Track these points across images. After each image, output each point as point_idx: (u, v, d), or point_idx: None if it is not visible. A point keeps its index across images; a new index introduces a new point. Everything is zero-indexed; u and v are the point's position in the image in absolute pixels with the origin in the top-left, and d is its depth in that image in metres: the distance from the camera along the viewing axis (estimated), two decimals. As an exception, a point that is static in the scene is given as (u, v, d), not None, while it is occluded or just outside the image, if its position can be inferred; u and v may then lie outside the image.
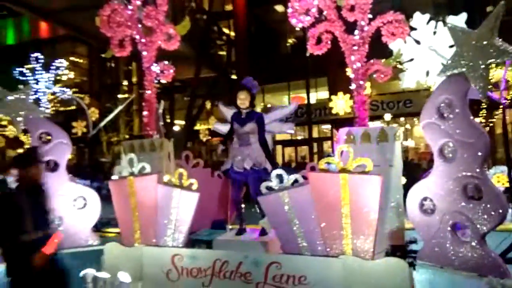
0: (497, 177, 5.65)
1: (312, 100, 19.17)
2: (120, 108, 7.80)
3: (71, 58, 23.59)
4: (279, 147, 20.60)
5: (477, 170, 3.09)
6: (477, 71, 2.98)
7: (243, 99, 4.59)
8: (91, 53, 24.07)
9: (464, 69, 3.09)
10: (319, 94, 20.68)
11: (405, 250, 4.13)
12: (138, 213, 4.42)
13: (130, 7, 5.46)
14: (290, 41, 22.07)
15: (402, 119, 18.61)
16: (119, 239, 4.53)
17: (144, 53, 5.38)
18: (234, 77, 21.77)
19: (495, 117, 12.02)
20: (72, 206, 4.84)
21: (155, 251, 4.29)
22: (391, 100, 18.51)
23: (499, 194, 3.07)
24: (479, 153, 3.06)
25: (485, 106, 11.52)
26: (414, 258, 3.72)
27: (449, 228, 3.31)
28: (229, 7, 23.43)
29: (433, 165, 3.53)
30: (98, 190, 5.05)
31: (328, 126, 20.61)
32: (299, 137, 21.16)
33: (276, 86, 21.42)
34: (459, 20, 3.82)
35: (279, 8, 20.20)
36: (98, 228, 5.86)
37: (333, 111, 16.31)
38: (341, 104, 15.89)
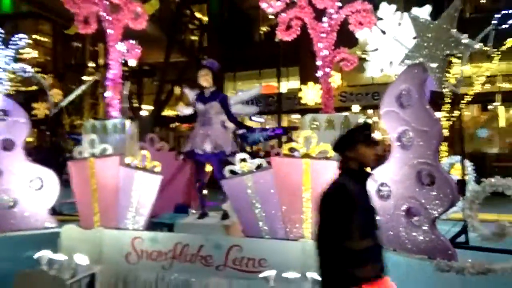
0: (454, 168, 5.87)
1: (283, 89, 19.24)
2: (83, 87, 7.53)
3: (34, 36, 22.59)
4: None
5: (431, 157, 3.22)
6: (435, 62, 3.08)
7: (204, 75, 4.61)
8: (56, 32, 23.09)
9: (423, 59, 3.18)
10: (290, 84, 20.76)
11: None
12: (98, 195, 4.34)
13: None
14: (263, 29, 21.98)
15: (370, 111, 19.03)
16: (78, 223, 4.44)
17: (110, 31, 5.22)
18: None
19: (458, 111, 12.49)
20: (28, 187, 4.67)
21: (114, 233, 4.22)
22: (360, 92, 18.84)
23: (450, 180, 3.21)
24: (433, 141, 3.19)
25: (449, 101, 11.93)
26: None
27: (403, 213, 3.44)
28: (202, -9, 23.04)
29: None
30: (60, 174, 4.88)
31: (298, 116, 20.78)
32: (268, 126, 21.24)
33: (247, 73, 21.34)
34: (423, 12, 3.91)
35: (253, -6, 20.06)
36: (57, 211, 5.69)
37: (303, 101, 16.46)
38: (311, 94, 16.05)
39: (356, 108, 17.53)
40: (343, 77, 17.34)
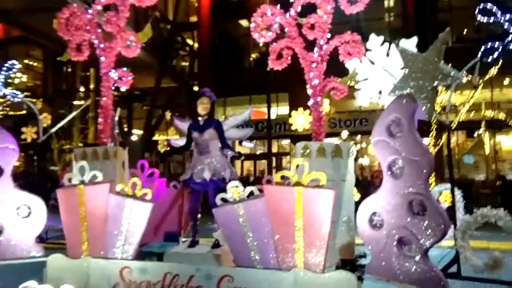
0: (444, 195, 5.92)
1: (273, 115, 19.39)
2: (74, 114, 7.50)
3: (25, 61, 22.60)
4: (238, 161, 20.59)
5: (422, 186, 3.25)
6: (423, 92, 3.16)
7: (205, 104, 4.63)
8: (46, 57, 23.15)
9: (412, 90, 3.26)
10: (280, 110, 20.97)
11: (355, 264, 4.23)
12: (87, 223, 4.25)
13: (90, 11, 5.34)
14: (253, 55, 22.35)
15: (358, 137, 19.23)
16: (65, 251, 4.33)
17: (102, 58, 5.26)
18: (195, 88, 21.68)
19: (443, 138, 12.71)
20: (15, 215, 4.57)
21: (102, 263, 4.12)
22: (349, 118, 19.13)
23: (441, 210, 3.24)
24: (424, 171, 3.23)
25: (435, 127, 12.16)
26: (362, 272, 3.81)
27: (395, 243, 3.43)
28: (193, 19, 23.45)
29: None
30: (46, 200, 4.81)
31: (288, 141, 20.89)
32: (258, 152, 21.27)
33: (237, 99, 21.53)
34: (411, 43, 4.04)
35: (244, 22, 20.46)
36: (44, 239, 5.57)
37: (293, 127, 16.60)
38: (300, 120, 16.19)
39: (344, 134, 17.72)
40: (332, 103, 17.62)
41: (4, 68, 5.10)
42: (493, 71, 7.73)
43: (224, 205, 4.01)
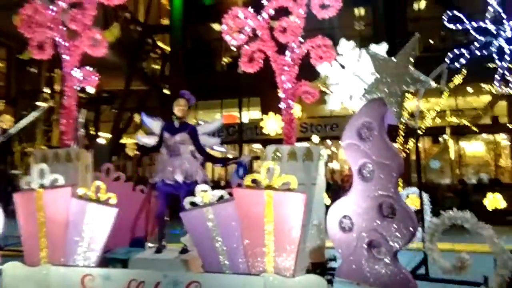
0: (410, 198, 6.02)
1: (245, 120, 19.36)
2: (34, 114, 7.13)
3: (-14, 60, 21.64)
4: (208, 165, 20.39)
5: (392, 189, 3.27)
6: (394, 97, 3.19)
7: (182, 106, 4.58)
8: (10, 56, 22.22)
9: (383, 94, 3.28)
10: (251, 114, 20.97)
11: (325, 267, 4.21)
12: (46, 229, 4.04)
13: (53, 8, 5.11)
14: (225, 59, 22.29)
15: (328, 141, 19.47)
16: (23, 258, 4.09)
17: (66, 57, 5.04)
18: (166, 91, 21.36)
19: (410, 144, 13.04)
20: (-32, 220, 4.28)
21: (63, 271, 3.92)
22: (319, 123, 19.36)
23: (411, 213, 3.26)
24: (394, 174, 3.25)
25: (403, 133, 12.44)
26: (332, 276, 3.80)
27: (365, 246, 3.43)
28: (165, 21, 23.16)
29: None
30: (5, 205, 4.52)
31: (259, 146, 20.90)
32: (229, 156, 21.14)
33: (209, 103, 21.34)
34: (381, 49, 4.09)
35: (216, 26, 20.38)
36: (1, 246, 5.27)
37: (264, 131, 16.61)
38: (272, 124, 16.23)
39: (315, 138, 17.91)
40: (303, 108, 17.75)
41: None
42: (458, 78, 7.99)
43: (193, 209, 3.90)
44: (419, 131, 9.32)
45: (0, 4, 14.32)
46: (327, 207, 4.40)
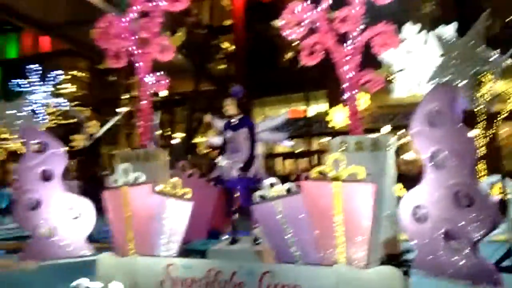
0: (497, 187, 5.60)
1: (312, 113, 19.22)
2: (115, 119, 7.84)
3: (72, 72, 23.80)
4: (279, 160, 20.58)
5: (467, 176, 3.10)
6: (464, 79, 3.02)
7: (228, 105, 4.74)
8: (92, 67, 24.27)
9: (451, 77, 3.13)
10: (318, 107, 20.75)
11: (400, 259, 4.10)
12: (132, 222, 4.41)
13: (125, 19, 5.55)
14: (289, 54, 22.26)
15: (401, 131, 18.62)
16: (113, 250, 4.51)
17: (139, 64, 5.45)
18: (234, 90, 21.83)
19: (494, 128, 12.03)
20: (66, 216, 4.83)
21: (149, 261, 4.26)
22: (390, 112, 18.56)
23: (490, 201, 3.07)
24: (468, 160, 3.08)
25: (484, 118, 11.52)
26: (408, 267, 3.70)
27: (441, 236, 3.30)
28: (228, 22, 23.71)
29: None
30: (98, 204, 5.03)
31: (328, 139, 20.62)
32: (299, 150, 21.14)
33: (275, 99, 21.53)
34: (449, 30, 3.86)
35: (277, 23, 20.41)
36: (94, 239, 5.83)
37: (332, 124, 16.35)
38: (339, 117, 15.94)
39: (386, 128, 17.22)
40: (372, 98, 17.15)
41: (50, 79, 5.44)
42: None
43: (263, 202, 4.03)
44: (501, 115, 8.61)
45: (81, 19, 15.72)
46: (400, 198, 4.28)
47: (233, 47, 23.26)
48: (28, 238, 5.02)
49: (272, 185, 4.00)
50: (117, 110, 20.88)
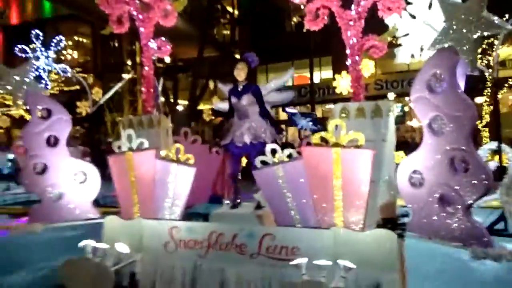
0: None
1: (316, 80, 19.05)
2: (117, 86, 7.83)
3: (75, 38, 23.57)
4: (282, 127, 20.61)
5: (464, 142, 3.14)
6: (465, 44, 3.00)
7: (239, 69, 4.64)
8: (94, 33, 23.97)
9: (453, 42, 3.10)
10: (323, 74, 20.55)
11: (396, 223, 4.22)
12: (137, 187, 4.52)
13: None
14: (294, 19, 21.81)
15: (406, 98, 18.50)
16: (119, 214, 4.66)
17: (142, 29, 5.41)
18: (237, 56, 21.61)
19: (499, 95, 11.92)
20: (72, 181, 4.96)
21: (153, 223, 4.39)
22: (396, 79, 18.37)
23: (484, 166, 3.13)
24: (466, 126, 3.11)
25: (490, 85, 11.38)
26: (403, 230, 3.81)
27: (436, 200, 3.38)
28: (233, -15, 23.14)
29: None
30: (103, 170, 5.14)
31: (332, 106, 20.55)
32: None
33: (279, 65, 21.25)
34: (454, -6, 3.78)
35: (283, -15, 19.90)
36: (100, 203, 6.00)
37: (337, 91, 16.24)
38: (344, 84, 15.80)
39: (391, 96, 17.11)
40: (377, 64, 16.92)
41: (52, 44, 5.42)
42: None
43: (264, 167, 4.11)
44: (508, 81, 8.49)
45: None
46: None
47: (237, 11, 22.80)
48: (34, 203, 5.17)
49: (274, 150, 4.06)
50: (122, 76, 20.81)
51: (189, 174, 4.37)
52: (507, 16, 9.69)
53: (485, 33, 3.00)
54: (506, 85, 11.43)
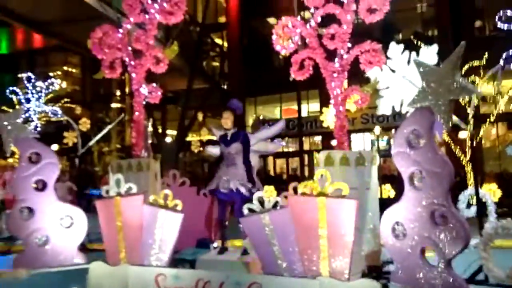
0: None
1: (304, 113, 19.38)
2: (109, 127, 7.89)
3: (64, 68, 23.72)
4: (270, 159, 20.75)
5: (443, 198, 3.27)
6: (441, 105, 3.18)
7: (225, 118, 4.77)
8: (84, 63, 24.21)
9: (430, 103, 3.28)
10: (310, 106, 20.91)
11: (381, 270, 4.29)
12: (124, 232, 4.53)
13: (120, 30, 5.64)
14: (283, 53, 22.32)
15: (393, 131, 18.88)
16: (105, 258, 4.63)
17: (133, 75, 5.55)
18: (225, 87, 21.97)
19: (481, 131, 12.27)
20: (59, 225, 4.94)
21: (139, 270, 4.38)
22: (382, 113, 18.76)
23: (463, 222, 3.25)
24: (444, 182, 3.25)
25: (471, 121, 11.75)
26: (388, 280, 3.88)
27: (418, 253, 3.48)
28: (222, 19, 23.72)
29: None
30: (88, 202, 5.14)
31: (320, 138, 20.82)
32: (290, 149, 21.34)
33: (268, 98, 21.66)
34: (431, 51, 4.02)
35: (272, 20, 20.48)
36: (85, 244, 5.94)
37: (324, 124, 16.51)
38: (331, 117, 16.09)
39: (377, 129, 17.44)
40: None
41: (44, 86, 5.50)
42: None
43: (251, 215, 4.17)
44: (490, 117, 8.77)
45: (71, 18, 15.63)
46: (387, 205, 4.45)
47: (226, 44, 23.30)
48: (16, 239, 5.06)
49: (260, 199, 4.14)
50: (112, 106, 20.86)
51: (177, 220, 4.39)
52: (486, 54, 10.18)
53: (458, 97, 3.19)
54: (488, 119, 11.79)
